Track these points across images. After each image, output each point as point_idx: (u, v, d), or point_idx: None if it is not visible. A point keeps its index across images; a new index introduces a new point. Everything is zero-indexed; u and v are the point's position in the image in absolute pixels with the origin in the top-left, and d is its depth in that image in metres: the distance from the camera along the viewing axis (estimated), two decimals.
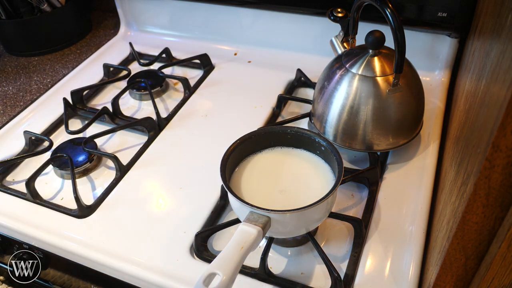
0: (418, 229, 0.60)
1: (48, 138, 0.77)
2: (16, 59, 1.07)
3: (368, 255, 0.58)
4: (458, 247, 0.37)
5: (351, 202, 0.66)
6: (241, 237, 0.47)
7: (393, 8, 0.58)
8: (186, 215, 0.64)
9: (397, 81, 0.63)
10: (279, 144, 0.62)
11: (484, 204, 0.33)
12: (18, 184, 0.73)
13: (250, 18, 0.97)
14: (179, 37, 1.05)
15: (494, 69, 0.38)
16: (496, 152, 0.30)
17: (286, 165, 0.61)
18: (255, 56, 0.97)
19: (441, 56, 0.85)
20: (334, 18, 0.72)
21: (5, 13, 1.03)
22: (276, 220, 0.50)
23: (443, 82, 0.85)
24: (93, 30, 1.17)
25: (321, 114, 0.70)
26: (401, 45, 0.59)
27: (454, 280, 0.40)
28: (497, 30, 0.43)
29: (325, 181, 0.57)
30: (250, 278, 0.56)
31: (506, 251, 0.33)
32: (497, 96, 0.33)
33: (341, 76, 0.67)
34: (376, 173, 0.66)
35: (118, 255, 0.59)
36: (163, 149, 0.77)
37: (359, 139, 0.67)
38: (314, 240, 0.57)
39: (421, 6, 0.78)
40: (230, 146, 0.58)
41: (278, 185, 0.58)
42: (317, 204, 0.50)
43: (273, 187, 0.58)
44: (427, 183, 0.66)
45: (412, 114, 0.69)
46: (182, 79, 0.89)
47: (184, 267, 0.58)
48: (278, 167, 0.60)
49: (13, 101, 0.93)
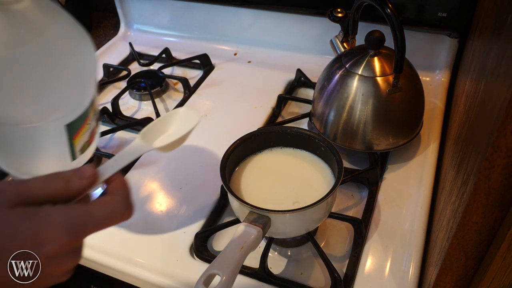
0: (418, 229, 0.60)
1: None
2: None
3: (368, 255, 0.58)
4: (458, 247, 0.37)
5: (351, 202, 0.66)
6: (241, 237, 0.47)
7: (393, 8, 0.58)
8: (186, 215, 0.64)
9: (397, 81, 0.63)
10: (279, 144, 0.62)
11: (484, 204, 0.33)
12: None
13: (250, 18, 0.97)
14: (179, 37, 1.05)
15: (494, 69, 0.38)
16: (496, 152, 0.30)
17: (286, 165, 0.61)
18: (255, 56, 0.97)
19: (441, 56, 0.85)
20: (334, 18, 0.72)
21: None
22: (276, 220, 0.50)
23: (443, 82, 0.85)
24: (93, 30, 1.17)
25: (321, 114, 0.70)
26: (401, 45, 0.59)
27: (454, 280, 0.40)
28: (497, 30, 0.43)
29: (325, 181, 0.57)
30: (250, 278, 0.56)
31: (506, 251, 0.33)
32: (497, 96, 0.33)
33: (341, 76, 0.67)
34: (376, 173, 0.66)
35: (118, 255, 0.59)
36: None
37: (359, 139, 0.67)
38: (314, 240, 0.57)
39: (421, 6, 0.78)
40: (230, 146, 0.58)
41: (278, 185, 0.58)
42: (317, 204, 0.50)
43: (273, 187, 0.58)
44: (427, 183, 0.66)
45: (412, 114, 0.69)
46: (182, 79, 0.89)
47: (184, 267, 0.58)
48: (278, 167, 0.60)
49: None
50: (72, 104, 0.42)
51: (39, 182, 0.32)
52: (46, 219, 0.30)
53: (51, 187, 0.32)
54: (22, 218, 0.30)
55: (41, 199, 0.31)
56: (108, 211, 0.33)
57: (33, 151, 0.43)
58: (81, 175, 0.34)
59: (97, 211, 0.32)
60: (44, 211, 0.31)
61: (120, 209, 0.34)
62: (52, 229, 0.30)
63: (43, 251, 0.30)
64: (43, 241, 0.30)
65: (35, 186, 0.32)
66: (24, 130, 0.41)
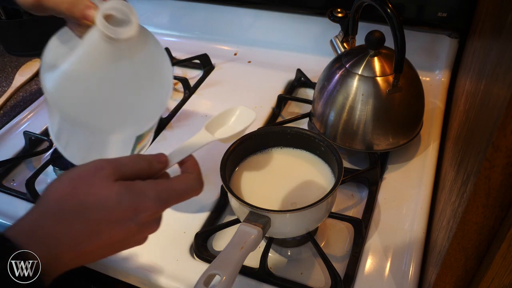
0: (418, 229, 0.60)
1: (48, 139, 0.77)
2: (16, 59, 1.07)
3: (368, 255, 0.57)
4: (458, 247, 0.37)
5: (351, 202, 0.66)
6: (241, 237, 0.47)
7: (393, 8, 0.58)
8: (186, 215, 0.64)
9: (397, 81, 0.63)
10: (279, 144, 0.62)
11: (484, 204, 0.33)
12: (18, 184, 0.73)
13: (250, 18, 0.97)
14: (179, 37, 1.05)
15: (494, 69, 0.38)
16: (496, 152, 0.30)
17: (286, 165, 0.61)
18: (255, 56, 0.97)
19: (441, 56, 0.85)
20: (334, 18, 0.72)
21: (5, 13, 1.03)
22: (276, 220, 0.50)
23: (443, 82, 0.85)
24: None
25: (321, 114, 0.70)
26: (401, 45, 0.59)
27: (454, 280, 0.40)
28: (497, 30, 0.43)
29: (325, 181, 0.57)
30: (250, 278, 0.56)
31: (506, 251, 0.33)
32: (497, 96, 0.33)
33: (341, 76, 0.67)
34: (376, 173, 0.66)
35: (118, 255, 0.59)
36: (163, 149, 0.76)
37: (359, 139, 0.67)
38: (314, 240, 0.57)
39: (421, 6, 0.78)
40: (230, 146, 0.58)
41: (278, 185, 0.58)
42: (317, 204, 0.50)
43: (273, 187, 0.58)
44: (427, 183, 0.66)
45: (412, 114, 0.69)
46: (182, 79, 0.89)
47: (184, 267, 0.58)
48: (278, 167, 0.60)
49: (13, 101, 0.93)
50: (149, 119, 0.47)
51: (128, 161, 0.39)
52: (143, 192, 0.37)
53: (137, 166, 0.39)
54: (124, 190, 0.36)
55: (130, 175, 0.38)
56: (186, 186, 0.40)
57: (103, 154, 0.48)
58: (159, 159, 0.41)
59: (178, 186, 0.40)
60: (140, 185, 0.37)
61: (195, 185, 0.41)
62: (148, 200, 0.36)
63: (139, 218, 0.36)
64: (141, 210, 0.36)
65: (125, 164, 0.38)
66: (104, 137, 0.46)
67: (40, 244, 0.34)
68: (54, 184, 0.37)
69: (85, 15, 0.41)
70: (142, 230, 0.38)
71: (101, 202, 0.35)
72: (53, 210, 0.35)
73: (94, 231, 0.35)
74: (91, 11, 0.41)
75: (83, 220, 0.35)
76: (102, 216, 0.35)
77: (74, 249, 0.35)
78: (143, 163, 0.39)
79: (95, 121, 0.46)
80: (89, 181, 0.36)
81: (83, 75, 0.43)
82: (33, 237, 0.34)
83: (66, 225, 0.35)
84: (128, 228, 0.37)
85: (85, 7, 0.42)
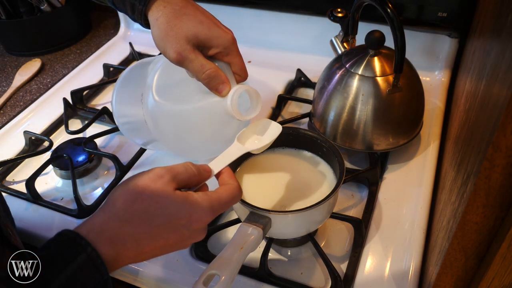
0: (418, 229, 0.60)
1: (48, 138, 0.77)
2: (16, 59, 1.07)
3: (368, 255, 0.57)
4: (458, 247, 0.37)
5: (351, 202, 0.66)
6: (241, 237, 0.47)
7: (393, 8, 0.58)
8: None
9: (397, 81, 0.63)
10: (280, 145, 0.62)
11: (484, 204, 0.33)
12: (18, 184, 0.73)
13: (250, 18, 0.97)
14: None
15: (494, 69, 0.38)
16: (496, 152, 0.30)
17: (287, 165, 0.61)
18: (255, 56, 0.97)
19: (441, 56, 0.85)
20: (334, 18, 0.72)
21: (5, 13, 1.03)
22: (277, 221, 0.50)
23: (443, 82, 0.85)
24: (93, 30, 1.17)
25: (321, 114, 0.70)
26: (401, 45, 0.59)
27: (454, 280, 0.40)
28: (497, 30, 0.43)
29: (326, 182, 0.57)
30: (250, 278, 0.56)
31: (506, 251, 0.33)
32: (497, 96, 0.33)
33: (341, 76, 0.67)
34: (376, 173, 0.66)
35: None
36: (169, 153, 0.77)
37: (359, 139, 0.67)
38: (314, 240, 0.57)
39: (421, 6, 0.78)
40: None
41: (279, 185, 0.58)
42: (319, 205, 0.50)
43: (274, 187, 0.58)
44: (427, 183, 0.66)
45: (412, 114, 0.69)
46: None
47: (184, 267, 0.58)
48: (279, 167, 0.60)
49: (13, 101, 0.93)
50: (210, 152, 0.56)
51: (182, 169, 0.43)
52: (197, 203, 0.41)
53: (190, 173, 0.44)
54: (182, 200, 0.41)
55: (183, 182, 0.43)
56: (231, 196, 0.44)
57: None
58: (205, 169, 0.46)
59: (224, 196, 0.44)
60: (195, 197, 0.42)
61: (237, 194, 0.45)
62: (201, 211, 0.41)
63: (193, 226, 0.41)
64: (195, 220, 0.41)
65: (180, 172, 0.43)
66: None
67: (108, 242, 0.38)
68: (121, 191, 0.42)
69: (219, 90, 0.51)
70: (192, 237, 0.43)
71: (162, 210, 0.40)
72: (120, 214, 0.40)
73: (154, 235, 0.40)
74: (226, 89, 0.51)
75: (146, 224, 0.40)
76: (162, 222, 0.40)
77: (135, 249, 0.40)
78: (194, 171, 0.44)
79: (188, 155, 0.60)
80: (152, 189, 0.41)
81: (195, 125, 0.55)
82: (102, 236, 0.39)
83: (132, 228, 0.40)
84: (182, 234, 0.41)
85: (221, 82, 0.51)
